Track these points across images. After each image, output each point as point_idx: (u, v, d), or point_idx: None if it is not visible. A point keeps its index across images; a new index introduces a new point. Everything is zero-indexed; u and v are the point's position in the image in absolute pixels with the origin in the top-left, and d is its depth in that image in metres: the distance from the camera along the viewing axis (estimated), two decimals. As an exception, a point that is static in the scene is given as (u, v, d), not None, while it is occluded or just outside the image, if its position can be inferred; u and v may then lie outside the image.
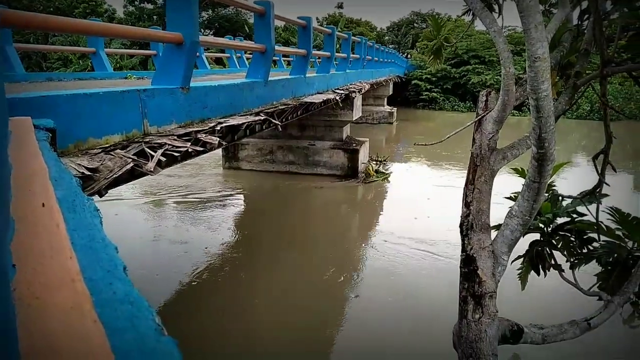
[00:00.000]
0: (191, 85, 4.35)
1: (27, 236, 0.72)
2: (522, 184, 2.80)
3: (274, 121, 6.02)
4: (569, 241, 3.44)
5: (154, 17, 34.69)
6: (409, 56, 38.28)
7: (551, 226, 3.47)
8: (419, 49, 35.65)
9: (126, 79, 8.75)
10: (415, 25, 47.91)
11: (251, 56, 7.24)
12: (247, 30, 33.47)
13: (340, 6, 49.71)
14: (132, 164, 2.96)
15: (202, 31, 35.69)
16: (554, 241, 3.47)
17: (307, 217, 10.18)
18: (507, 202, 3.31)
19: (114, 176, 2.75)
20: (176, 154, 3.62)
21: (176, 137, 3.72)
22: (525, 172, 3.02)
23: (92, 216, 0.91)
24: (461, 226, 3.05)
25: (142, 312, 0.56)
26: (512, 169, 3.67)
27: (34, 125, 1.80)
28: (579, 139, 21.27)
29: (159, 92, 3.89)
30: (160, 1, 35.24)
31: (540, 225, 3.46)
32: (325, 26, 12.96)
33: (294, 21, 8.05)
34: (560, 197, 3.53)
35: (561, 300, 5.16)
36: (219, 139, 4.29)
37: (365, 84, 14.02)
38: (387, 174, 13.25)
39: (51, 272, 0.62)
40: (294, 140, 13.13)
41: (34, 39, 27.20)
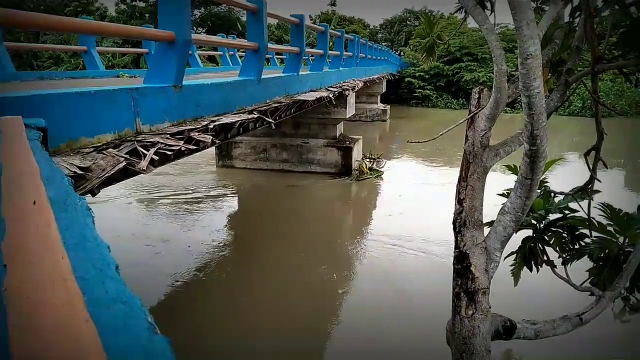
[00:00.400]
0: (184, 83, 4.33)
1: (19, 236, 0.72)
2: (514, 181, 2.81)
3: (267, 119, 6.01)
4: (561, 237, 3.46)
5: (146, 15, 34.49)
6: (402, 54, 38.31)
7: (543, 222, 3.49)
8: (412, 47, 35.62)
9: (118, 77, 8.70)
10: (408, 22, 47.91)
11: (244, 54, 7.22)
12: (240, 28, 33.37)
13: (333, 4, 49.21)
14: (124, 163, 2.95)
15: (195, 29, 35.50)
16: (546, 237, 3.49)
17: (300, 215, 10.17)
18: (500, 199, 3.33)
19: (106, 175, 2.74)
20: (169, 153, 3.61)
21: (169, 136, 3.71)
22: (517, 169, 3.04)
23: (84, 215, 0.91)
24: (454, 223, 3.06)
25: (134, 311, 0.56)
26: (504, 166, 3.69)
27: (25, 124, 1.78)
28: (571, 135, 21.39)
29: (152, 91, 3.88)
30: (152, -1, 35.09)
31: (532, 221, 3.48)
32: (318, 24, 12.95)
33: (286, 19, 8.03)
34: (552, 194, 3.55)
35: (553, 295, 5.19)
36: (212, 138, 4.28)
37: (358, 82, 14.03)
38: (380, 171, 13.27)
39: (43, 272, 0.62)
40: (287, 138, 13.12)
41: (24, 38, 26.96)
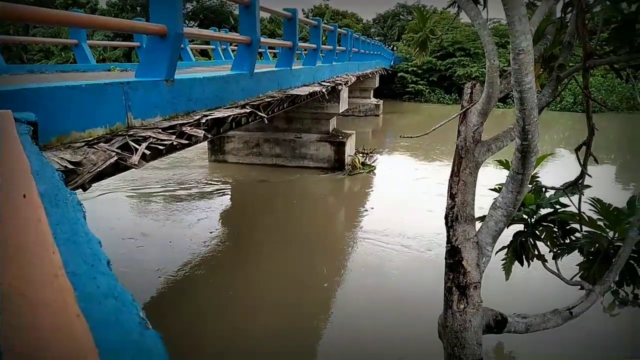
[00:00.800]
0: (176, 77, 4.30)
1: (9, 231, 0.71)
2: (506, 176, 2.83)
3: (260, 114, 5.99)
4: (552, 232, 3.49)
5: (138, 8, 34.17)
6: (395, 48, 38.30)
7: (535, 217, 3.52)
8: (404, 41, 35.67)
9: (109, 71, 8.64)
10: (401, 17, 47.88)
11: (236, 48, 7.18)
12: (233, 21, 33.21)
13: (326, -2, 49.44)
14: (116, 158, 2.93)
15: (187, 23, 35.28)
16: (537, 232, 3.52)
17: (292, 209, 10.17)
18: (492, 194, 3.35)
19: (98, 170, 2.72)
20: (161, 147, 3.59)
21: (161, 130, 3.69)
22: (509, 164, 3.05)
23: (75, 210, 0.90)
24: (446, 218, 3.07)
25: (126, 306, 0.56)
26: (496, 161, 3.71)
27: (15, 118, 1.77)
28: (562, 130, 21.53)
29: (143, 85, 3.85)
30: (143, -8, 34.75)
31: (524, 216, 3.50)
32: (311, 18, 12.91)
33: (279, 13, 7.99)
34: (543, 189, 3.58)
35: (544, 289, 5.24)
36: (204, 132, 4.26)
37: (351, 77, 14.01)
38: (373, 166, 13.30)
39: (34, 267, 0.62)
40: (280, 133, 13.10)
41: (14, 31, 26.63)
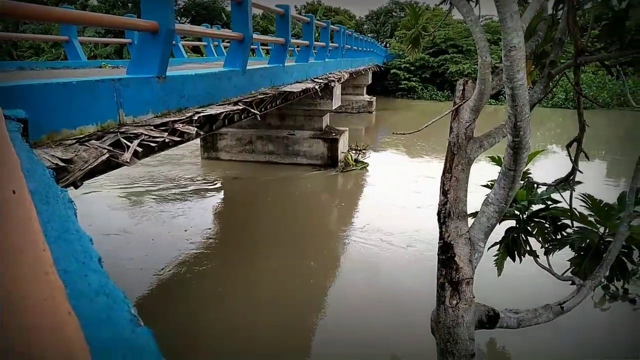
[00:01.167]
0: (168, 74, 4.28)
1: (-1, 229, 0.71)
2: (498, 172, 2.84)
3: (252, 111, 5.97)
4: (544, 228, 3.52)
5: (129, 4, 33.94)
6: (388, 45, 38.30)
7: (526, 213, 3.54)
8: (397, 38, 35.67)
9: (101, 68, 8.58)
10: (394, 14, 47.90)
11: (229, 45, 7.15)
12: (225, 18, 33.06)
13: (318, -6, 49.34)
14: (107, 155, 2.91)
15: (179, 19, 35.08)
16: (529, 228, 3.55)
17: (285, 207, 10.17)
18: (484, 190, 3.36)
19: (89, 167, 2.71)
20: (153, 145, 3.57)
21: (153, 127, 3.67)
22: (501, 160, 3.07)
23: (66, 208, 0.90)
24: (439, 214, 3.09)
25: (117, 304, 0.56)
26: (488, 157, 3.73)
27: (5, 116, 1.75)
28: (554, 127, 21.65)
29: (135, 82, 3.83)
30: (135, -12, 34.48)
31: (515, 212, 3.53)
32: (303, 14, 12.87)
33: (272, 9, 7.97)
34: (535, 185, 3.60)
35: (536, 285, 5.29)
36: (196, 129, 4.25)
37: (344, 73, 14.00)
38: (366, 163, 13.31)
39: (24, 265, 0.61)
40: (273, 130, 13.07)
41: (3, 27, 26.35)
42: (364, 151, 14.33)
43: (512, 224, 3.60)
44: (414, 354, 4.93)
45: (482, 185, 3.73)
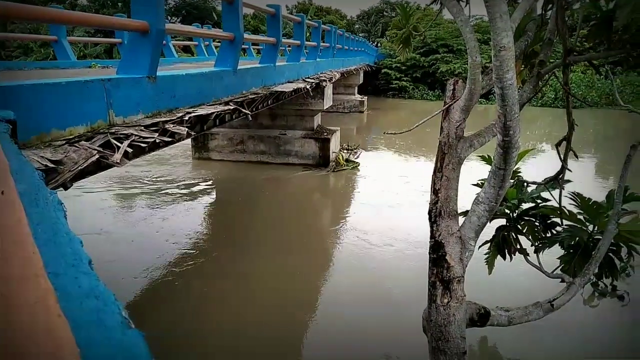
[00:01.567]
0: (158, 74, 4.26)
1: (-13, 232, 0.70)
2: (488, 171, 2.86)
3: (243, 110, 5.96)
4: (534, 226, 3.55)
5: (119, 4, 33.69)
6: (379, 45, 38.36)
7: (516, 212, 3.57)
8: (388, 38, 35.74)
9: (90, 68, 8.52)
10: (385, 13, 47.99)
11: (220, 44, 7.14)
12: (216, 17, 32.94)
13: (309, -6, 49.31)
14: (97, 156, 2.90)
15: (169, 18, 34.88)
16: (519, 226, 3.58)
17: (277, 207, 10.16)
18: (474, 189, 3.38)
19: (79, 168, 2.69)
20: (143, 145, 3.56)
21: (143, 128, 3.65)
22: (491, 159, 3.09)
23: (56, 210, 0.89)
24: (429, 213, 3.10)
25: (108, 306, 0.55)
26: (478, 157, 3.75)
27: (-7, 116, 1.74)
28: (543, 126, 21.80)
29: (125, 82, 3.81)
30: (124, -13, 34.24)
31: (506, 211, 3.55)
32: (294, 14, 12.87)
33: (262, 9, 7.97)
34: (525, 184, 3.63)
35: (526, 283, 5.32)
36: (187, 129, 4.23)
37: (335, 73, 14.02)
38: (357, 162, 13.33)
39: (14, 268, 0.61)
40: (264, 129, 13.05)
41: (-9, 27, 26.08)
42: (355, 151, 14.35)
43: (502, 222, 3.63)
44: (405, 352, 4.95)
45: (473, 184, 3.75)
